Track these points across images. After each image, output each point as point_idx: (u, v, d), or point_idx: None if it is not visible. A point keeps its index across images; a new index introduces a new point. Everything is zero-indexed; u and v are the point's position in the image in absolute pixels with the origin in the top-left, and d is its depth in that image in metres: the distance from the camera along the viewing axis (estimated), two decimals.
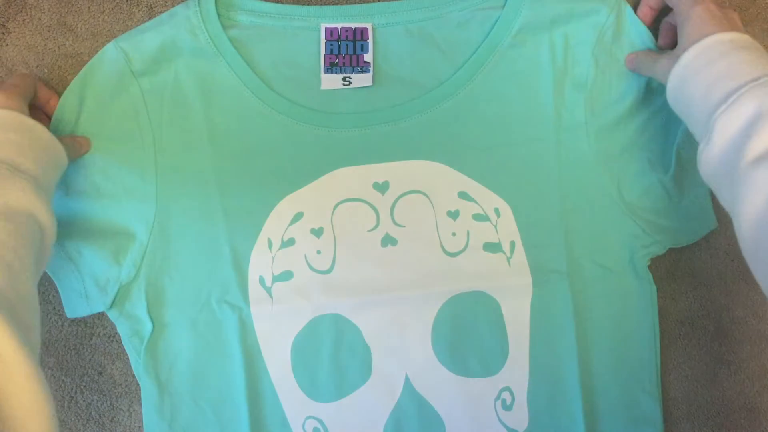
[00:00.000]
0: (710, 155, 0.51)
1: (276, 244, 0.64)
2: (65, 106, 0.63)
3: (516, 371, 0.64)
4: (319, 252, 0.64)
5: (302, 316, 0.64)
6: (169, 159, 0.64)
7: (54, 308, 0.67)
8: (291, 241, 0.64)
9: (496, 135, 0.65)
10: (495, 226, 0.64)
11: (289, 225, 0.64)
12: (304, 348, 0.64)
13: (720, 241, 0.69)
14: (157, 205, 0.63)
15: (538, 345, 0.64)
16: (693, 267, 0.69)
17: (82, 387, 0.67)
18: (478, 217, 0.65)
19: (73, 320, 0.67)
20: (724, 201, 0.52)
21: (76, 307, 0.64)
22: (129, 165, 0.63)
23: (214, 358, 0.64)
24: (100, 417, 0.66)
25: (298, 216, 0.64)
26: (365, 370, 0.64)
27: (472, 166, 0.65)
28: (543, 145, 0.64)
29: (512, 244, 0.64)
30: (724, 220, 0.66)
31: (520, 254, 0.64)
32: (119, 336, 0.65)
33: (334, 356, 0.64)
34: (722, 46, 0.53)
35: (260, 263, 0.64)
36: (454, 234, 0.64)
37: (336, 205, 0.64)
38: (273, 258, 0.64)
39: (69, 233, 0.63)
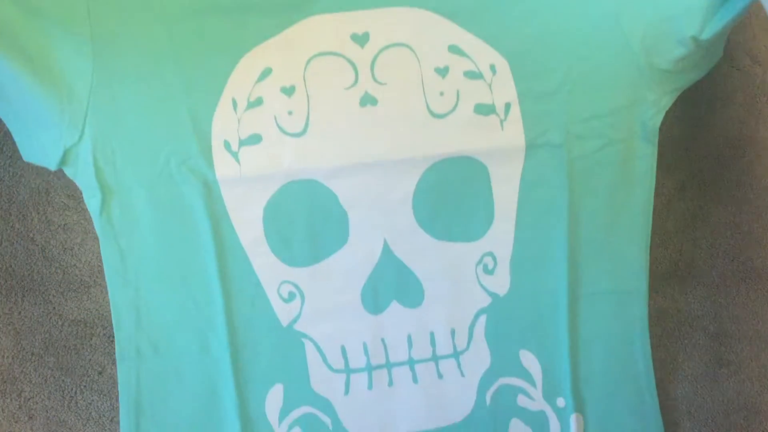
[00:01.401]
0: None
1: (241, 104, 0.57)
2: None
3: (500, 237, 0.61)
4: (290, 113, 0.58)
5: (274, 182, 0.59)
6: (105, 13, 0.56)
7: (54, 308, 0.66)
8: (259, 101, 0.57)
9: None
10: (489, 85, 0.58)
11: (256, 83, 0.57)
12: (277, 214, 0.60)
13: (720, 241, 0.69)
14: (94, 60, 0.56)
15: (526, 212, 0.61)
16: (693, 267, 0.69)
17: (82, 387, 0.66)
18: (470, 75, 0.58)
19: (73, 320, 0.66)
20: None
21: (31, 153, 0.60)
22: (57, 16, 0.55)
23: (177, 226, 0.60)
24: (100, 417, 0.66)
25: (266, 72, 0.57)
26: (341, 235, 0.60)
27: (466, 14, 0.57)
28: None
29: (507, 106, 0.58)
30: (723, 219, 0.67)
31: (515, 117, 0.58)
32: None
33: (309, 221, 0.60)
34: None
35: (224, 126, 0.58)
36: (442, 93, 0.58)
37: (309, 60, 0.57)
38: (239, 120, 0.58)
39: (8, 90, 0.56)
